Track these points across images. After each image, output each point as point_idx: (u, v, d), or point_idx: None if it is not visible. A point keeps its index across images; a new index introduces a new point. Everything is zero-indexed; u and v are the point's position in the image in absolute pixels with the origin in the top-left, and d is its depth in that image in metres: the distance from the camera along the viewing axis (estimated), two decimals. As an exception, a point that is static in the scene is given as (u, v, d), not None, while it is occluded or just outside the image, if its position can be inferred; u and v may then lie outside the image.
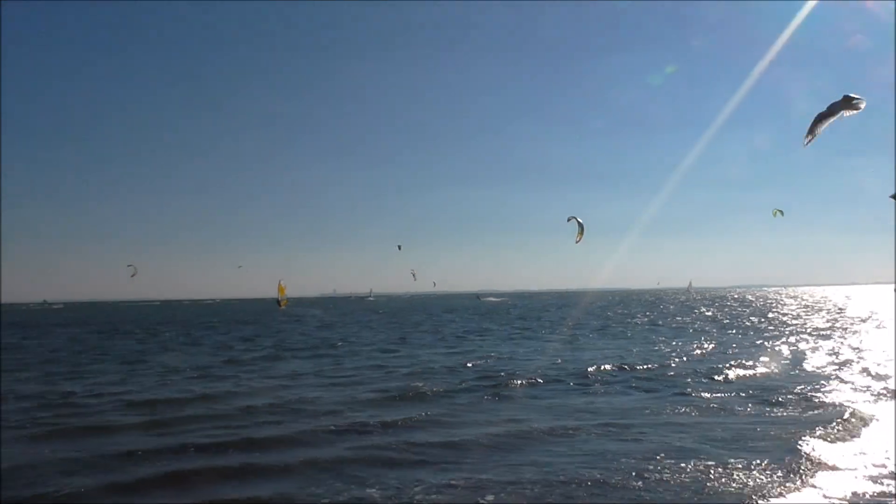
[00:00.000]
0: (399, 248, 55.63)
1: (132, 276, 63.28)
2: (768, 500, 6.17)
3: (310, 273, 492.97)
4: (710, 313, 45.40)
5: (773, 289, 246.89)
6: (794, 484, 6.60)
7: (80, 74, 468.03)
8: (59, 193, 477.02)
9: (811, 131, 9.51)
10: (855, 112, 8.98)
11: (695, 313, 46.00)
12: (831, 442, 8.17)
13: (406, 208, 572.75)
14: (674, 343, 22.18)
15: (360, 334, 30.73)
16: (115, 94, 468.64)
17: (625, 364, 16.12)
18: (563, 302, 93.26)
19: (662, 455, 7.61)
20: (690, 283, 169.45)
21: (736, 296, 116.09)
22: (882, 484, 6.49)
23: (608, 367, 15.73)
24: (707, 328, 30.01)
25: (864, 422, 9.23)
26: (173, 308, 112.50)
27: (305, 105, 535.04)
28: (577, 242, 21.24)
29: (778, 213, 25.06)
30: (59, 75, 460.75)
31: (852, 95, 8.95)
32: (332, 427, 9.52)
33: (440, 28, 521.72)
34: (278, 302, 77.30)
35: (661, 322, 36.12)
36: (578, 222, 20.10)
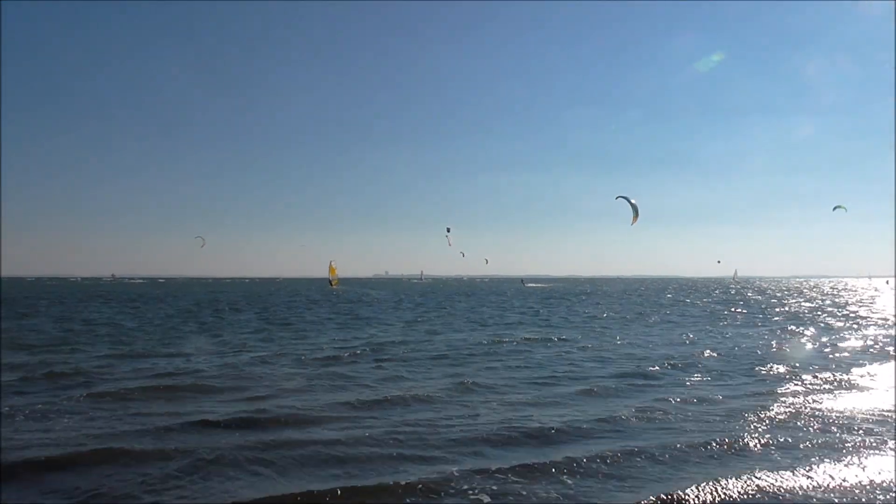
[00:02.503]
0: (448, 230, 54.39)
1: (202, 246, 65.74)
2: None
3: (362, 255, 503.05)
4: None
5: (846, 280, 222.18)
6: None
7: (179, 62, 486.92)
8: (132, 177, 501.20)
9: None
10: None
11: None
12: None
13: (454, 193, 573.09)
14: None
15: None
16: (202, 82, 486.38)
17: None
18: (639, 288, 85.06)
19: None
20: (735, 273, 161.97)
21: (829, 287, 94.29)
22: None
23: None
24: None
25: None
26: (252, 286, 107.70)
27: (363, 93, 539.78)
28: (632, 224, 20.01)
29: (840, 209, 22.95)
30: (158, 59, 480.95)
31: None
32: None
33: (496, 20, 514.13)
34: (330, 282, 78.12)
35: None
36: (631, 204, 18.80)
